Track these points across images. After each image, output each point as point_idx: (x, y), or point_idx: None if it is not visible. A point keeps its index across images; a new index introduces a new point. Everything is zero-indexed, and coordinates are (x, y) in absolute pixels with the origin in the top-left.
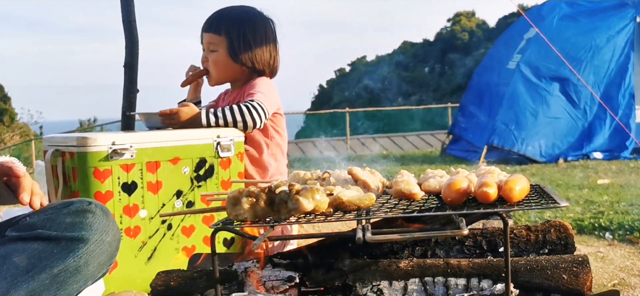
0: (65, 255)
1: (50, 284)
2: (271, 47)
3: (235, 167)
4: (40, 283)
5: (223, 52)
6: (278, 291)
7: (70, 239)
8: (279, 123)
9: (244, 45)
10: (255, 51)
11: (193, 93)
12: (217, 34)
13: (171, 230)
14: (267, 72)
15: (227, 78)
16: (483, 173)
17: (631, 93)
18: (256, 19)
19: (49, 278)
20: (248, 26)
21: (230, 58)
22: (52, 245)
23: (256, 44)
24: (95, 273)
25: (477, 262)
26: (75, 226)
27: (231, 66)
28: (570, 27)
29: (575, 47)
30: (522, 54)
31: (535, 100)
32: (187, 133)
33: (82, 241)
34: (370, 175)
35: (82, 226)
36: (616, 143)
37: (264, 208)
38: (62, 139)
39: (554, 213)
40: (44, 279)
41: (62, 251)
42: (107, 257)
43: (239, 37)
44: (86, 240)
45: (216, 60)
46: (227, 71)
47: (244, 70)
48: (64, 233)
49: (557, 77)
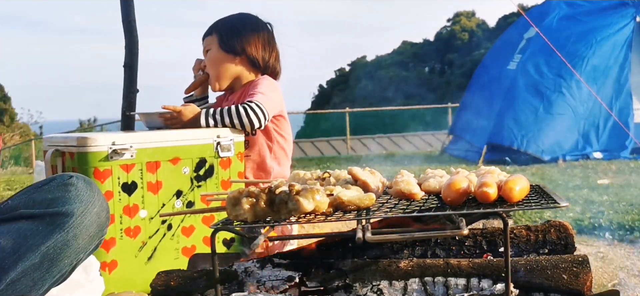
0: (51, 231)
1: (41, 262)
2: (266, 41)
3: (235, 167)
4: (30, 263)
5: (215, 47)
6: (278, 291)
7: (54, 214)
8: (282, 127)
9: (232, 34)
10: (246, 37)
11: (200, 91)
12: (209, 35)
13: (171, 230)
14: (266, 69)
15: (226, 75)
16: (483, 173)
17: (630, 93)
18: (248, 17)
19: (38, 257)
20: (237, 20)
21: (222, 50)
22: (37, 222)
23: (246, 31)
24: (87, 245)
25: (477, 262)
26: (57, 201)
27: (225, 58)
28: (570, 27)
29: (575, 47)
30: (522, 54)
31: (535, 100)
32: (187, 133)
33: (67, 216)
34: (370, 175)
35: (65, 200)
36: (616, 143)
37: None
38: (62, 139)
39: (554, 213)
40: (32, 258)
41: (47, 227)
42: (96, 228)
43: (228, 29)
44: (71, 214)
45: (211, 58)
46: (223, 66)
47: (241, 62)
48: (46, 210)
49: (557, 76)
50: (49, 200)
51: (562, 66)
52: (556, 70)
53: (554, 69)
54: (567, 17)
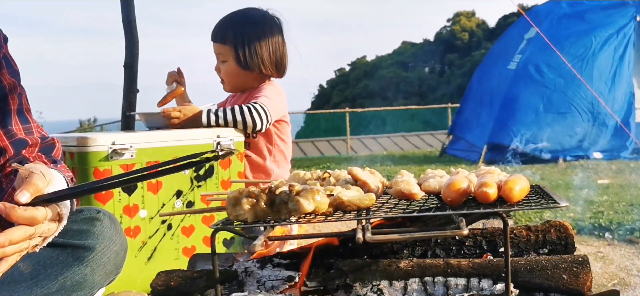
0: (70, 263)
1: (56, 292)
2: (278, 46)
3: (235, 167)
4: (47, 291)
5: (232, 63)
6: (278, 292)
7: (77, 247)
8: (283, 130)
9: (250, 53)
10: (262, 56)
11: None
12: (223, 43)
13: (171, 230)
14: (276, 73)
15: (242, 86)
16: (483, 173)
17: (631, 93)
18: (261, 22)
19: (55, 286)
20: (253, 32)
21: (239, 67)
22: (58, 251)
23: (263, 49)
24: (101, 281)
25: (477, 262)
26: (82, 234)
27: (242, 74)
28: (570, 27)
29: (576, 47)
30: (523, 54)
31: (535, 100)
32: (187, 133)
33: (89, 250)
34: (370, 175)
35: (89, 235)
36: (616, 143)
37: (264, 209)
38: (62, 139)
39: (554, 213)
40: (49, 286)
41: (68, 259)
42: (113, 266)
43: (245, 46)
44: (92, 248)
45: (227, 71)
46: (239, 79)
47: (256, 75)
48: (70, 241)
49: (557, 77)
50: (73, 231)
51: (562, 66)
52: (556, 70)
53: (554, 69)
54: (568, 16)
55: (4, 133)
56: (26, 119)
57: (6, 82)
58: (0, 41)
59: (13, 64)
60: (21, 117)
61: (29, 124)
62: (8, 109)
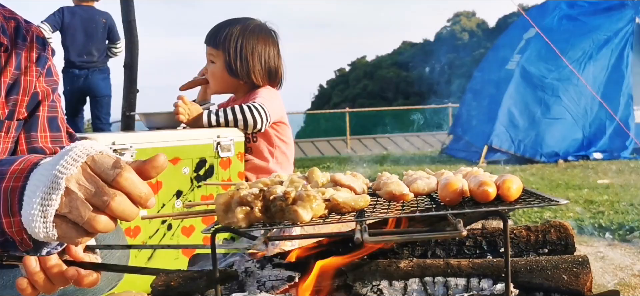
0: None
1: None
2: (271, 58)
3: (235, 167)
4: None
5: (220, 66)
6: (278, 291)
7: None
8: (283, 132)
9: (240, 61)
10: (252, 66)
11: (202, 96)
12: (215, 47)
13: (171, 230)
14: (270, 83)
15: (225, 90)
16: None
17: (630, 94)
18: (256, 33)
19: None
20: (246, 42)
21: (226, 72)
22: None
23: (255, 60)
24: (103, 287)
25: (477, 262)
26: None
27: (227, 79)
28: (570, 27)
29: (575, 47)
30: (522, 54)
31: (535, 100)
32: (187, 133)
33: None
34: (353, 179)
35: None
36: (616, 143)
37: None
38: None
39: (554, 213)
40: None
41: None
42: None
43: (236, 53)
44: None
45: (213, 72)
46: (223, 84)
47: (242, 84)
48: None
49: (557, 77)
50: None
51: (562, 66)
52: (556, 70)
53: (554, 69)
54: (567, 17)
55: (25, 138)
56: (58, 127)
57: (41, 88)
58: (49, 53)
59: (54, 74)
60: (52, 125)
61: (60, 133)
62: (37, 115)
